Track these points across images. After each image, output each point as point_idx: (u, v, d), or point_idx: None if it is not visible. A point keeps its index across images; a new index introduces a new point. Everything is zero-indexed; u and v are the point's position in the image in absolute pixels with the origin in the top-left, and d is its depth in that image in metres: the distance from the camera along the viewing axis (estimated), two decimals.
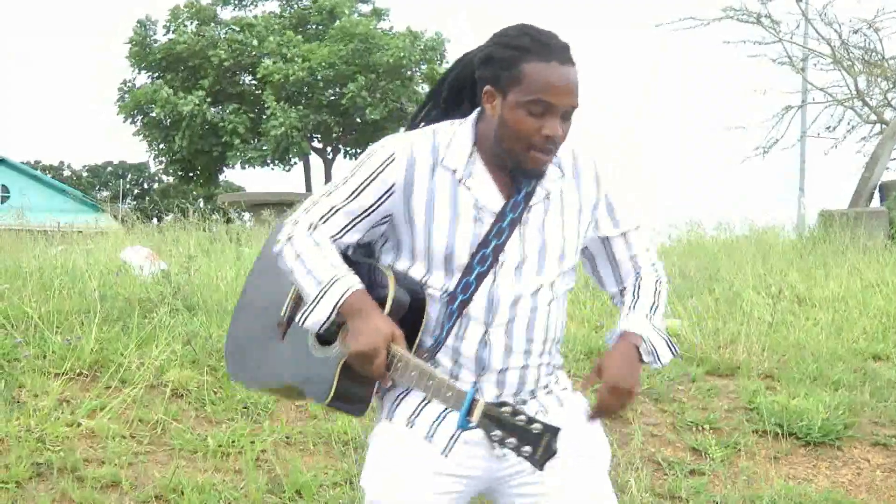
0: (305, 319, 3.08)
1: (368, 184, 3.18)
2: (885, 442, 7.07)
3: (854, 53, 22.21)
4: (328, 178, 49.94)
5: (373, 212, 3.19)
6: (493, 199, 3.19)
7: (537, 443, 2.76)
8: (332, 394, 3.08)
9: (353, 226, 3.21)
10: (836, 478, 6.80)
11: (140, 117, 48.03)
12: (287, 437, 6.46)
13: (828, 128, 23.51)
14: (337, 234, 3.21)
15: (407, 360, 3.00)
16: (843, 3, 40.36)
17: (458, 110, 3.34)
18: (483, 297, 3.15)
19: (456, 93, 3.39)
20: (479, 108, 3.24)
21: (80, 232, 15.57)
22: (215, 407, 6.68)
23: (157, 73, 48.94)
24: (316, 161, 50.82)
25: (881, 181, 19.97)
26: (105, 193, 75.49)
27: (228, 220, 15.19)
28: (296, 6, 52.17)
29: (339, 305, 3.04)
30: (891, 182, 19.91)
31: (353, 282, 3.08)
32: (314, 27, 50.70)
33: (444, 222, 3.15)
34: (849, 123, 23.25)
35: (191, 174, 51.53)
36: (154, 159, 51.86)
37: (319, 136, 49.67)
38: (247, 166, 48.20)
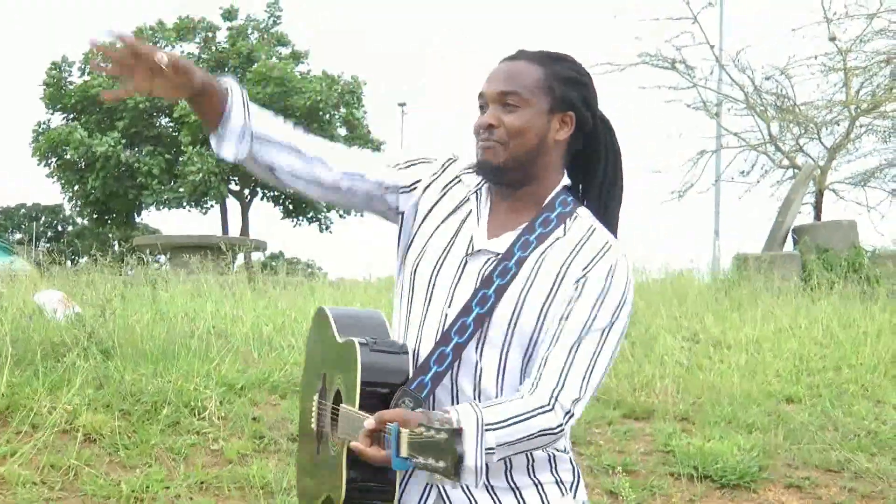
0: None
1: (409, 164, 3.12)
2: (798, 484, 7.12)
3: (767, 99, 22.51)
4: (245, 220, 49.77)
5: (401, 183, 3.11)
6: (479, 231, 2.96)
7: (447, 451, 2.38)
8: (344, 486, 2.77)
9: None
10: None
11: (54, 159, 47.58)
12: (202, 483, 6.38)
13: (742, 172, 23.80)
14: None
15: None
16: (756, 49, 41.04)
17: None
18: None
19: None
20: None
21: None
22: (129, 452, 6.58)
23: (72, 115, 48.57)
24: (233, 203, 50.65)
25: (794, 225, 20.23)
26: (18, 236, 74.47)
27: (144, 263, 15.04)
28: (213, 49, 52.07)
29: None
30: (803, 226, 20.18)
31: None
32: (232, 70, 50.62)
33: (425, 236, 3.03)
34: (762, 168, 23.57)
35: (106, 216, 51.11)
36: (69, 201, 51.36)
37: (237, 178, 49.50)
38: (163, 208, 47.92)
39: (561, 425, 2.79)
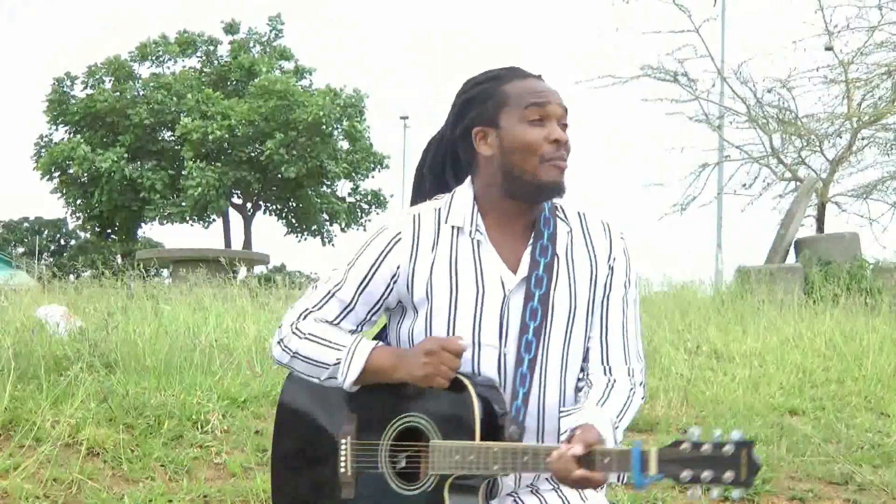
0: (344, 379, 3.02)
1: (374, 272, 3.10)
2: (801, 496, 7.07)
3: (768, 112, 22.47)
4: (248, 234, 49.69)
5: (380, 301, 3.13)
6: (502, 265, 3.07)
7: (737, 463, 2.59)
8: None
9: (347, 315, 3.15)
10: None
11: (58, 174, 47.50)
12: (205, 496, 6.34)
13: (744, 185, 23.73)
14: (333, 321, 3.14)
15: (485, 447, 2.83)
16: (758, 62, 41.02)
17: (448, 191, 3.22)
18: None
19: (439, 174, 3.29)
20: (468, 176, 3.17)
21: None
22: (132, 465, 6.56)
23: (74, 130, 48.49)
24: (235, 217, 50.62)
25: (796, 238, 20.18)
26: (21, 250, 74.35)
27: (147, 277, 15.02)
28: (216, 62, 52.06)
29: (368, 362, 3.00)
30: (805, 238, 20.13)
31: (372, 343, 3.06)
32: (234, 84, 50.59)
33: (445, 299, 3.04)
34: (764, 181, 23.51)
35: (109, 231, 51.02)
36: (71, 215, 51.28)
37: (239, 192, 49.43)
38: (165, 222, 47.88)
39: (644, 396, 3.15)
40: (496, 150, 3.04)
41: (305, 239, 51.64)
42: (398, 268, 3.06)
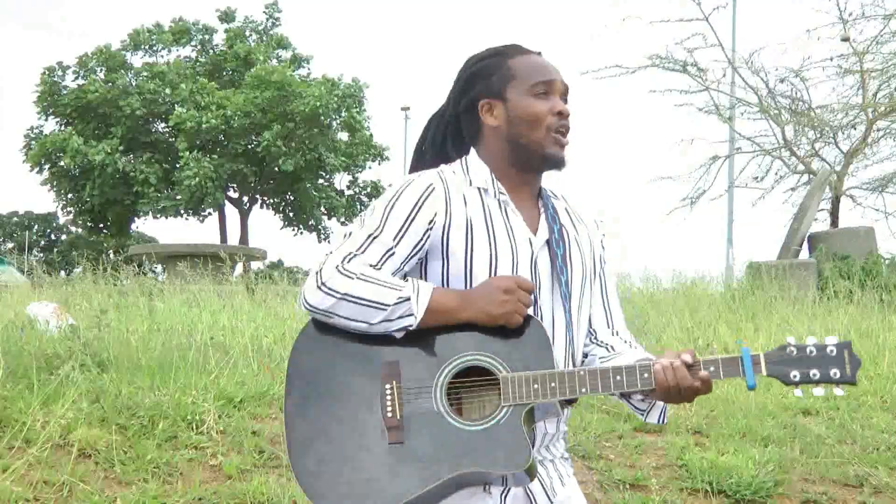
0: (411, 322, 2.98)
1: (413, 217, 3.09)
2: (815, 499, 6.97)
3: (781, 102, 22.35)
4: (244, 228, 49.58)
5: (417, 247, 3.11)
6: (526, 226, 3.20)
7: (841, 361, 2.85)
8: (530, 454, 2.89)
9: (388, 259, 3.09)
10: None
11: (48, 166, 47.32)
12: (200, 499, 6.24)
13: (755, 178, 23.65)
14: (375, 265, 3.07)
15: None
16: (770, 51, 40.93)
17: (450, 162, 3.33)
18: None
19: (440, 148, 3.38)
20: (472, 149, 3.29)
21: None
22: (125, 467, 6.45)
23: (66, 121, 48.28)
24: (231, 211, 50.48)
25: (810, 232, 20.02)
26: (10, 245, 74.44)
27: (140, 273, 14.98)
28: (211, 52, 51.91)
29: (431, 301, 2.98)
30: (819, 233, 19.98)
31: (430, 283, 3.06)
32: (229, 73, 50.44)
33: (486, 251, 3.11)
34: (776, 173, 23.40)
35: (100, 225, 50.85)
36: (62, 209, 51.02)
37: (235, 185, 49.25)
38: (160, 216, 47.66)
39: None
40: (502, 121, 3.20)
41: (302, 233, 51.55)
42: (435, 215, 3.10)
